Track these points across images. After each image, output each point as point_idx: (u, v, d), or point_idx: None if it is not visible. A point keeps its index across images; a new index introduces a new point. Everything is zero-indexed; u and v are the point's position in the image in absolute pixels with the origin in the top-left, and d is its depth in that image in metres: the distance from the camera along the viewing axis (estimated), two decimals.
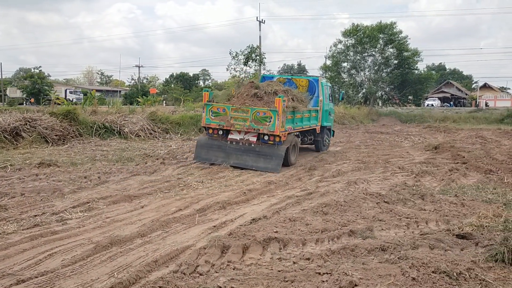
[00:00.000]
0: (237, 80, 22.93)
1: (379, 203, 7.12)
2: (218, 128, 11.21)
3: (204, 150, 11.38)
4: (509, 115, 32.15)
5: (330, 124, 14.82)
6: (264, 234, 5.12)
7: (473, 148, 15.09)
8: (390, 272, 4.08)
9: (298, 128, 11.86)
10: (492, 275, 4.19)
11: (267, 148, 10.74)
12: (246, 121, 10.76)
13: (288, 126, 10.93)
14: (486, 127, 27.86)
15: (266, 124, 10.51)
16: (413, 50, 40.68)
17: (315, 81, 13.54)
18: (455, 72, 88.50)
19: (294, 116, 11.34)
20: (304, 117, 12.12)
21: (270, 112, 10.49)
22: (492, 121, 31.64)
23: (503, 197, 7.68)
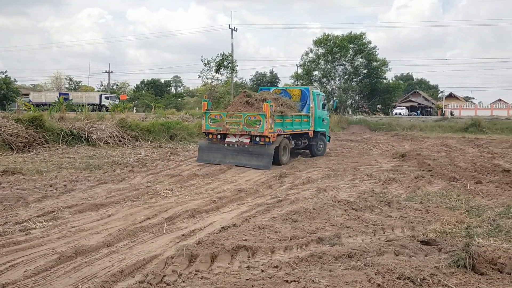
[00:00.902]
0: (208, 87, 22.87)
1: (347, 210, 7.22)
2: (216, 133, 12.85)
3: (205, 152, 12.96)
4: (473, 124, 33.19)
5: (325, 130, 15.98)
6: (233, 242, 5.12)
7: (438, 156, 15.52)
8: (356, 279, 4.14)
9: (288, 131, 13.34)
10: (454, 280, 4.30)
11: (258, 148, 12.20)
12: (239, 125, 12.39)
13: (277, 129, 12.49)
14: (451, 135, 28.71)
15: (256, 126, 12.08)
16: (381, 60, 41.73)
17: (306, 91, 15.05)
18: (422, 82, 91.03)
19: (283, 120, 12.85)
20: (294, 122, 13.64)
21: (259, 116, 12.06)
22: (457, 130, 32.60)
23: (466, 203, 7.92)
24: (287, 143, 13.35)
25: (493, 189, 9.36)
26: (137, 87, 76.97)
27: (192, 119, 24.11)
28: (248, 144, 12.41)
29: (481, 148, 19.48)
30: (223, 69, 21.71)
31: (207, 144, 13.14)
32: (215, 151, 12.84)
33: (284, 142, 13.02)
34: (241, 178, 10.60)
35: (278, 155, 12.62)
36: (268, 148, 12.15)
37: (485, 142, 22.58)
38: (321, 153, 15.79)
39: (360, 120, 39.00)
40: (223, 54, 21.55)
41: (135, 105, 48.33)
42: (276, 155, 12.46)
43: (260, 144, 12.22)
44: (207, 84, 22.79)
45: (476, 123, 33.17)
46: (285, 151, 13.20)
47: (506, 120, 37.89)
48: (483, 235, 5.76)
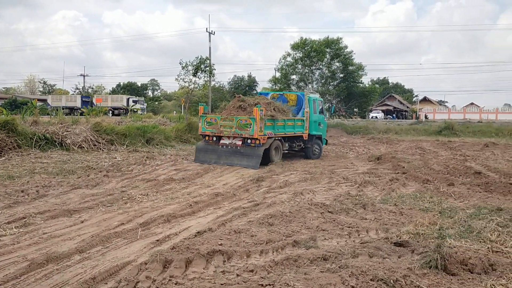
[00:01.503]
0: (186, 91, 22.74)
1: (323, 213, 7.27)
2: (212, 135, 13.78)
3: (201, 153, 13.90)
4: (446, 127, 33.92)
5: (321, 133, 16.64)
6: (208, 247, 5.08)
7: (413, 159, 15.79)
8: (330, 281, 4.16)
9: (280, 133, 14.16)
10: (426, 281, 4.37)
11: (249, 150, 13.14)
12: (232, 128, 13.35)
13: (268, 131, 13.38)
14: (425, 138, 29.26)
15: (247, 129, 13.03)
16: (357, 64, 42.33)
17: (302, 95, 15.81)
18: (398, 86, 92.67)
19: (275, 123, 13.70)
20: (287, 125, 14.44)
21: (250, 120, 12.99)
22: (431, 133, 33.25)
23: (439, 205, 8.08)
24: (278, 145, 14.24)
25: (465, 191, 9.58)
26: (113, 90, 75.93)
27: (169, 122, 23.94)
28: (240, 146, 13.31)
29: (454, 150, 19.92)
30: (201, 73, 21.59)
31: (203, 145, 14.05)
32: (211, 152, 13.73)
33: (275, 144, 13.93)
34: (218, 182, 10.56)
35: (270, 156, 13.62)
36: (258, 149, 13.10)
37: (458, 145, 23.11)
38: (317, 156, 16.31)
39: (337, 123, 39.39)
40: (200, 58, 21.45)
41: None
42: (267, 155, 13.46)
43: (251, 146, 13.15)
44: (185, 88, 22.62)
45: (449, 126, 33.92)
46: (277, 152, 14.20)
47: (478, 123, 38.89)
48: (455, 236, 5.88)
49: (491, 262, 4.80)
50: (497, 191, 9.58)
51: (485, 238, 5.75)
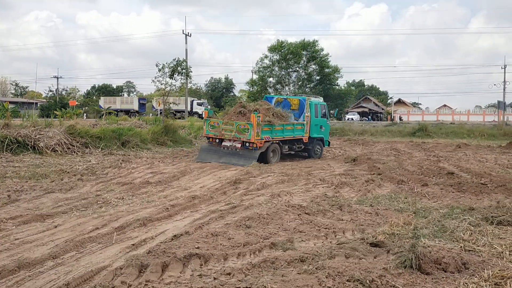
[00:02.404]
0: (162, 93, 22.51)
1: (300, 215, 7.30)
2: (215, 137, 15.09)
3: (204, 153, 15.17)
4: (420, 129, 34.60)
5: (322, 136, 17.73)
6: (185, 250, 5.03)
7: (388, 160, 16.04)
8: (307, 283, 4.17)
9: (278, 137, 15.25)
10: (401, 281, 4.43)
11: (247, 152, 14.38)
12: (232, 131, 14.54)
13: (265, 136, 14.49)
14: (400, 140, 29.76)
15: (245, 134, 14.16)
16: (333, 67, 42.79)
17: (303, 100, 16.79)
18: (373, 88, 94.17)
19: (272, 128, 14.76)
20: (285, 129, 15.50)
21: (248, 125, 14.10)
22: (405, 134, 33.85)
23: (413, 205, 8.23)
24: (276, 148, 15.36)
25: (438, 191, 9.78)
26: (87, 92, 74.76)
27: (145, 125, 23.63)
28: (239, 148, 14.53)
29: (427, 151, 20.33)
30: (178, 75, 21.40)
31: (207, 146, 15.49)
32: (213, 153, 14.97)
33: (272, 147, 15.09)
34: (195, 184, 10.48)
35: (267, 158, 14.81)
36: (254, 152, 14.33)
37: (431, 146, 23.60)
38: (318, 156, 17.51)
39: None
40: (177, 60, 21.27)
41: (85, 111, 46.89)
42: (265, 157, 14.72)
43: (249, 148, 14.35)
44: (161, 90, 22.39)
45: (423, 128, 34.61)
46: (274, 154, 15.34)
47: (451, 124, 39.81)
48: (429, 236, 5.99)
49: (464, 261, 4.91)
50: (469, 191, 9.81)
51: (458, 237, 5.89)
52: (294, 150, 16.94)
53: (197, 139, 22.99)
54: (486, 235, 5.99)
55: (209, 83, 79.81)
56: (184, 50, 50.17)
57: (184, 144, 20.84)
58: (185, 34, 50.38)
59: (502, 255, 5.26)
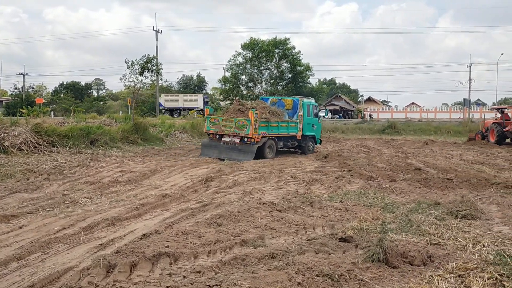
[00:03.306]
0: (132, 91, 22.14)
1: (272, 212, 7.32)
2: (215, 133, 16.09)
3: (206, 148, 16.28)
4: (389, 126, 35.36)
5: (314, 134, 18.80)
6: (154, 249, 4.97)
7: (358, 157, 16.30)
8: (277, 279, 4.20)
9: (274, 134, 16.20)
10: (369, 274, 4.51)
11: (245, 147, 15.34)
12: (231, 128, 15.56)
13: (262, 132, 15.46)
14: (370, 137, 30.33)
15: (244, 130, 15.17)
16: (305, 65, 43.05)
17: (296, 101, 17.88)
18: (344, 86, 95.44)
19: (269, 125, 15.74)
20: (280, 126, 16.49)
21: (246, 121, 15.09)
22: (375, 132, 34.51)
23: (382, 201, 8.39)
24: (272, 144, 16.28)
25: (405, 187, 10.00)
26: (55, 90, 72.84)
27: (115, 123, 23.21)
28: (238, 143, 15.46)
29: (396, 148, 20.78)
30: (148, 72, 21.10)
31: (208, 142, 16.46)
32: (214, 148, 16.02)
33: (269, 143, 16.01)
34: (166, 183, 10.37)
35: (263, 152, 15.73)
36: (252, 146, 15.30)
37: (400, 143, 24.15)
38: (310, 152, 18.43)
39: None
40: (147, 56, 20.95)
41: (52, 109, 45.72)
42: (261, 152, 15.63)
43: (247, 143, 15.29)
44: (131, 87, 22.03)
45: (392, 125, 35.39)
46: (270, 149, 16.25)
47: (418, 122, 40.82)
48: (396, 230, 6.12)
49: (429, 254, 5.04)
50: (435, 186, 10.08)
51: (424, 231, 6.04)
52: (288, 147, 17.96)
53: (168, 137, 22.74)
54: (451, 229, 6.17)
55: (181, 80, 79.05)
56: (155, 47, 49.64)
57: (155, 142, 20.57)
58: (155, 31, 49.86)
59: (465, 248, 5.42)
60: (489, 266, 4.67)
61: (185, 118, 34.33)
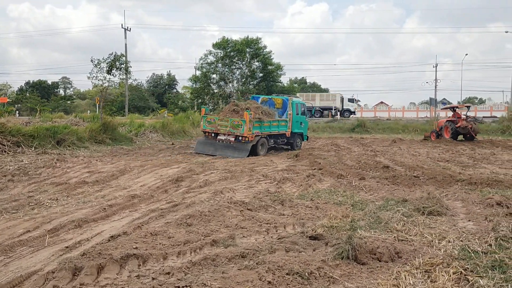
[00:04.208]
0: (100, 89, 21.68)
1: (243, 211, 7.30)
2: (211, 132, 16.99)
3: (201, 145, 17.21)
4: (359, 125, 35.87)
5: (302, 131, 19.87)
6: (122, 251, 4.87)
7: (328, 155, 16.48)
8: (248, 278, 4.19)
9: (266, 132, 17.17)
10: (338, 272, 4.56)
11: (240, 145, 16.30)
12: (227, 127, 16.42)
13: (255, 131, 16.39)
14: (340, 135, 30.70)
15: (239, 129, 16.08)
16: (276, 64, 43.26)
17: (286, 100, 18.93)
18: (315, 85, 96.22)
19: (261, 124, 16.70)
20: (272, 125, 17.48)
21: (241, 121, 16.00)
22: (345, 130, 34.96)
23: (351, 199, 8.50)
24: (264, 141, 17.29)
25: (374, 184, 10.17)
26: (20, 89, 70.55)
27: (82, 123, 22.68)
28: (233, 142, 16.38)
29: (365, 146, 21.11)
30: (116, 70, 20.69)
31: (204, 139, 17.45)
32: (209, 145, 16.94)
33: (261, 141, 17.01)
34: (135, 183, 10.19)
35: (256, 150, 16.69)
36: (247, 145, 16.26)
37: (369, 141, 24.55)
38: (298, 148, 19.44)
39: None
40: (115, 54, 20.53)
41: (17, 109, 44.25)
42: (255, 150, 16.58)
43: (242, 142, 16.23)
44: (98, 86, 21.56)
45: (362, 124, 35.92)
46: (263, 147, 17.24)
47: (387, 121, 41.58)
48: (365, 227, 6.22)
49: (397, 250, 5.14)
50: (403, 183, 10.29)
51: (392, 228, 6.15)
52: (278, 144, 18.98)
53: (138, 136, 22.39)
54: (418, 225, 6.31)
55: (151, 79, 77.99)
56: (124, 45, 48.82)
57: (124, 142, 20.21)
58: (124, 29, 49.02)
59: (432, 243, 5.56)
60: (454, 261, 4.81)
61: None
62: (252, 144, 16.37)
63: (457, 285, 4.25)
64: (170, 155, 16.20)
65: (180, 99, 61.78)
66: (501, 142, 23.85)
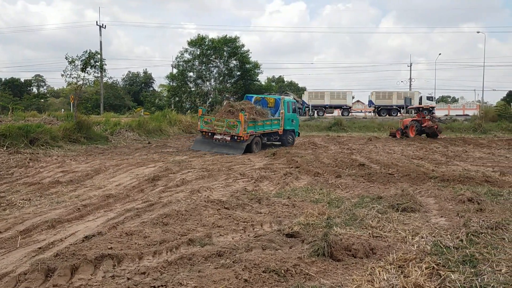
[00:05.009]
0: (74, 88, 21.27)
1: (220, 210, 7.28)
2: (207, 132, 17.94)
3: (199, 144, 18.34)
4: (335, 123, 36.25)
5: (294, 128, 20.88)
6: (96, 251, 4.80)
7: (306, 153, 16.59)
8: (224, 277, 4.19)
9: (260, 131, 18.15)
10: (314, 268, 4.61)
11: (235, 144, 17.23)
12: (223, 127, 17.36)
13: (250, 130, 17.31)
14: (317, 134, 30.97)
15: (234, 129, 17.02)
16: (254, 62, 43.27)
17: (278, 99, 20.11)
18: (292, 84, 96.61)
19: (255, 124, 17.67)
20: (265, 124, 18.53)
21: (236, 122, 16.94)
22: (322, 129, 35.28)
23: (328, 196, 8.59)
24: (258, 140, 18.29)
25: (350, 182, 10.30)
26: None
27: (56, 121, 22.22)
28: (229, 141, 17.36)
29: (342, 145, 21.36)
30: (90, 68, 20.32)
31: (201, 138, 18.51)
32: (206, 144, 18.01)
33: (255, 140, 17.95)
34: (111, 183, 10.06)
35: (251, 148, 17.61)
36: (242, 144, 17.17)
37: (346, 140, 24.84)
38: (291, 144, 20.52)
39: None
40: (89, 52, 20.17)
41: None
42: (250, 148, 17.51)
43: (237, 141, 17.17)
44: (73, 84, 21.15)
45: (339, 122, 36.30)
46: (257, 145, 18.20)
47: (363, 119, 42.11)
48: (341, 224, 6.29)
49: (371, 246, 5.22)
50: (378, 181, 10.46)
51: (367, 225, 6.25)
52: (271, 141, 19.92)
53: (113, 135, 22.07)
54: (392, 222, 6.43)
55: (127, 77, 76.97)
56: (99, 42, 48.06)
57: (99, 141, 19.90)
58: (99, 26, 48.25)
59: (405, 239, 5.66)
60: (427, 256, 4.91)
61: None
62: (246, 143, 17.23)
63: (429, 279, 4.34)
64: (146, 154, 16.04)
65: (157, 98, 61.15)
66: (473, 140, 24.52)
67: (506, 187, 9.44)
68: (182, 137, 25.91)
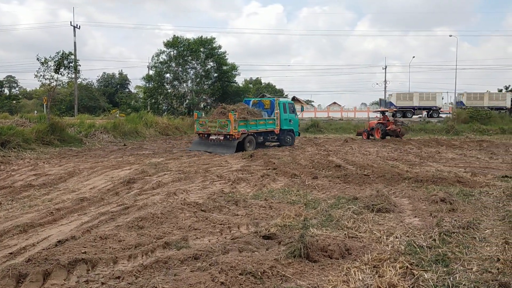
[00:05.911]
0: (48, 89, 20.83)
1: (196, 212, 7.25)
2: (203, 133, 19.16)
3: (196, 145, 19.37)
4: (312, 125, 36.58)
5: (292, 128, 21.71)
6: (70, 256, 4.71)
7: (283, 155, 16.66)
8: (200, 280, 4.16)
9: (253, 130, 19.13)
10: (291, 270, 4.63)
11: (228, 142, 18.22)
12: (216, 127, 18.56)
13: (241, 129, 18.32)
14: None
15: (226, 128, 18.11)
16: (231, 64, 43.25)
17: (273, 101, 21.20)
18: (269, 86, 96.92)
19: (247, 123, 18.68)
20: (258, 124, 19.45)
21: (227, 121, 18.05)
22: (299, 130, 35.50)
23: (304, 197, 8.64)
24: (251, 139, 19.18)
25: (327, 183, 10.39)
26: None
27: (29, 123, 21.72)
28: (222, 140, 18.41)
29: (318, 146, 21.55)
30: (64, 69, 19.94)
31: (198, 140, 19.62)
32: (203, 144, 19.07)
33: (248, 138, 18.89)
34: (85, 186, 9.88)
35: (244, 147, 18.51)
36: (233, 142, 18.10)
37: (322, 141, 25.09)
38: (289, 144, 21.39)
39: None
40: (63, 53, 19.78)
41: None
42: (241, 146, 18.41)
43: (230, 140, 18.13)
44: (46, 85, 20.71)
45: (315, 124, 36.66)
46: (250, 144, 19.03)
47: (340, 121, 42.60)
48: (317, 225, 6.35)
49: (347, 247, 5.28)
50: (354, 182, 10.58)
51: (343, 226, 6.32)
52: (268, 141, 21.05)
53: (88, 137, 21.70)
54: (367, 222, 6.51)
55: (102, 78, 75.76)
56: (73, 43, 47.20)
57: (73, 143, 19.56)
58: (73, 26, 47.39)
59: (380, 240, 5.75)
60: (401, 256, 5.00)
61: None
62: (238, 141, 18.16)
63: (403, 279, 4.41)
64: (121, 157, 15.83)
65: (133, 99, 60.37)
66: (446, 141, 25.08)
67: (477, 187, 9.68)
68: (158, 139, 25.68)
